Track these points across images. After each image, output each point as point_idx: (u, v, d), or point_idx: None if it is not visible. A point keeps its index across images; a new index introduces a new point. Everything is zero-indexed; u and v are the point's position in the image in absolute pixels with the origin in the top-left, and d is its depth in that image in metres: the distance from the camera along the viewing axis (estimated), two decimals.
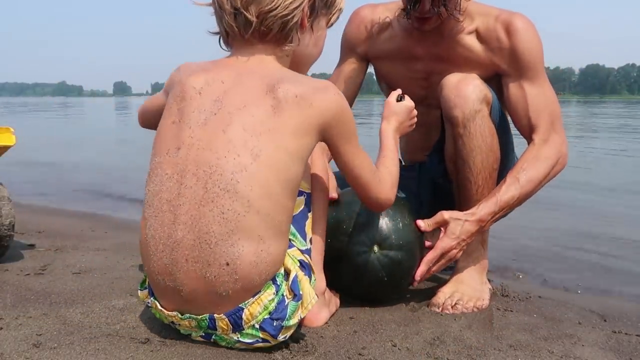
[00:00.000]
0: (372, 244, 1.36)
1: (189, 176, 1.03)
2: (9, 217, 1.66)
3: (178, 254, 1.02)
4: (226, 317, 1.04)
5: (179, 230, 1.02)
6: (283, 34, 1.12)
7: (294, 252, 1.14)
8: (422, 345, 1.17)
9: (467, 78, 1.44)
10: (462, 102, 1.41)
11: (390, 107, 1.40)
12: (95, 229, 2.35)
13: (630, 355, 1.18)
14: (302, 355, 1.09)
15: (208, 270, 1.01)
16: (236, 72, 1.11)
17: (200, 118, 1.06)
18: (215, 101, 1.07)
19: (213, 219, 1.00)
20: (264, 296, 1.04)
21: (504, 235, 2.33)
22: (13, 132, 1.72)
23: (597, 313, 1.45)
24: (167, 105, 1.13)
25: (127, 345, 1.08)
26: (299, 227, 1.18)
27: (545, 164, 1.45)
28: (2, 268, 1.63)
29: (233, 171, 1.00)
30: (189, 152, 1.04)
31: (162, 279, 1.05)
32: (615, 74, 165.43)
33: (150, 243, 1.06)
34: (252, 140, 1.02)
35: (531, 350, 1.18)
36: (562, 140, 1.50)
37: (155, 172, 1.07)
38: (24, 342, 1.08)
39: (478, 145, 1.43)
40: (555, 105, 1.51)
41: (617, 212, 3.16)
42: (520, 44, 1.47)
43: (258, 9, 1.08)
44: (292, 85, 1.06)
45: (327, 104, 1.08)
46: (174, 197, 1.03)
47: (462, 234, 1.38)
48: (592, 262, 2.17)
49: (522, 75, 1.50)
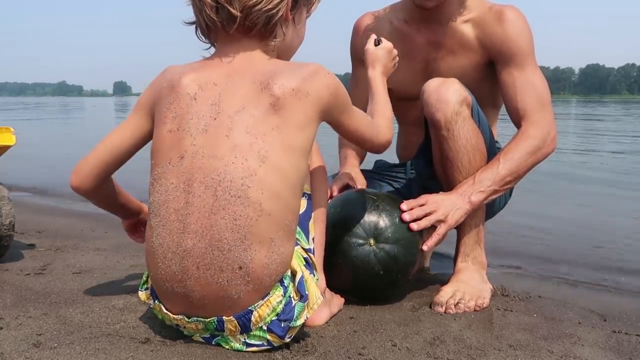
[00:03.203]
0: (368, 237, 1.38)
1: (196, 185, 1.01)
2: (9, 217, 1.66)
3: (188, 262, 1.01)
4: (235, 319, 1.04)
5: (189, 239, 1.01)
6: (268, 28, 1.10)
7: (299, 251, 1.14)
8: (422, 345, 1.17)
9: (447, 82, 1.46)
10: (444, 106, 1.43)
11: (372, 53, 1.43)
12: (95, 229, 2.35)
13: (630, 355, 1.18)
14: (302, 355, 1.09)
15: (221, 276, 1.00)
16: (226, 72, 1.09)
17: (200, 124, 1.04)
18: (212, 105, 1.05)
19: (225, 226, 0.99)
20: (273, 298, 1.04)
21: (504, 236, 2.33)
22: (13, 132, 1.72)
23: (597, 313, 1.45)
24: (158, 115, 1.10)
25: (127, 345, 1.08)
26: (303, 226, 1.19)
27: (529, 143, 1.48)
28: (2, 268, 1.63)
29: (243, 176, 1.00)
30: (194, 160, 1.02)
31: (170, 285, 1.04)
32: (615, 74, 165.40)
33: (157, 251, 1.05)
34: (257, 142, 1.01)
35: (531, 350, 1.18)
36: (550, 122, 1.52)
37: (160, 182, 1.06)
38: (24, 341, 1.08)
39: (463, 146, 1.45)
40: (543, 91, 1.54)
41: None
42: (510, 30, 1.55)
43: (242, 3, 1.06)
44: (285, 79, 1.05)
45: (323, 89, 1.08)
46: (181, 206, 1.02)
47: (441, 199, 1.43)
48: (591, 261, 2.16)
49: (511, 61, 1.55)
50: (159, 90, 1.12)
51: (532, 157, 1.48)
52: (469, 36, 1.60)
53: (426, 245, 1.41)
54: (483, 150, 1.48)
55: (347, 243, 1.38)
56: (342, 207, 1.43)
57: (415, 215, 1.41)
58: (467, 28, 1.61)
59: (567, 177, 4.40)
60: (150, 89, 1.16)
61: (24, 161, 4.57)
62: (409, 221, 1.40)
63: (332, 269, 1.34)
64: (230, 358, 1.06)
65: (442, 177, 1.54)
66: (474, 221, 1.51)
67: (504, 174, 1.45)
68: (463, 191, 1.45)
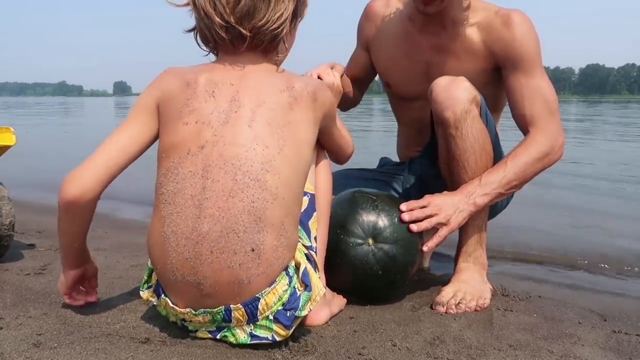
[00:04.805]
0: (366, 237, 1.38)
1: (215, 170, 1.05)
2: (9, 216, 1.66)
3: (202, 246, 1.04)
4: (243, 307, 1.06)
5: (205, 224, 1.04)
6: (272, 44, 1.17)
7: (300, 247, 1.16)
8: (422, 345, 1.17)
9: (457, 80, 1.45)
10: (453, 104, 1.42)
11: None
12: (95, 229, 2.33)
13: (630, 355, 1.18)
14: (302, 355, 1.09)
15: (233, 259, 1.04)
16: (239, 75, 1.14)
17: (220, 118, 1.09)
18: (231, 101, 1.10)
19: (243, 209, 1.04)
20: (279, 286, 1.08)
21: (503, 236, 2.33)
22: (13, 131, 1.72)
23: (597, 313, 1.45)
24: (170, 112, 1.12)
25: (127, 345, 1.08)
26: (304, 225, 1.21)
27: (537, 149, 1.47)
28: (2, 268, 1.63)
29: (262, 162, 1.06)
30: (214, 148, 1.06)
31: (180, 274, 1.06)
32: (615, 73, 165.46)
33: (170, 239, 1.06)
34: (277, 132, 1.09)
35: (531, 350, 1.18)
36: (558, 129, 1.51)
37: (175, 172, 1.07)
38: (24, 341, 1.08)
39: (471, 145, 1.45)
40: (551, 97, 1.53)
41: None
42: (517, 35, 1.52)
43: (252, 24, 1.12)
44: (303, 84, 1.16)
45: (327, 99, 1.21)
46: (198, 192, 1.05)
47: (444, 201, 1.42)
48: (591, 260, 2.17)
49: (518, 67, 1.53)
50: (168, 89, 1.14)
51: (539, 163, 1.47)
52: (475, 40, 1.58)
53: (426, 246, 1.41)
54: (489, 150, 1.48)
55: (346, 242, 1.38)
56: (341, 206, 1.43)
57: (415, 216, 1.41)
58: (472, 32, 1.58)
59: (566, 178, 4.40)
60: (154, 88, 1.16)
61: (24, 161, 4.58)
62: (409, 222, 1.40)
63: (331, 269, 1.34)
64: (231, 358, 1.06)
65: (447, 175, 1.53)
66: (477, 222, 1.51)
67: (511, 178, 1.45)
68: (468, 192, 1.44)
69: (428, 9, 1.54)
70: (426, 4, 1.53)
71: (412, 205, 1.42)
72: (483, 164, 1.46)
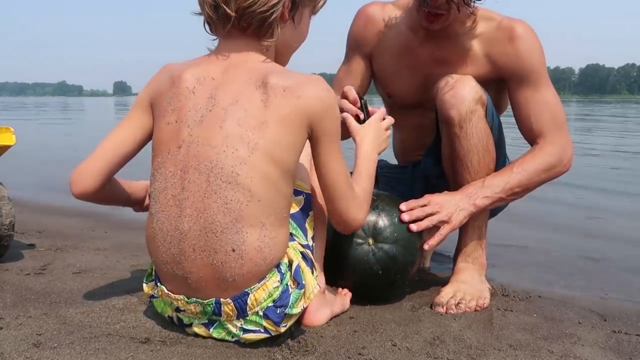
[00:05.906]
0: (367, 237, 1.38)
1: (191, 171, 1.06)
2: (9, 216, 1.66)
3: (185, 244, 1.06)
4: (232, 302, 1.07)
5: (185, 222, 1.06)
6: (263, 28, 1.12)
7: (295, 245, 1.16)
8: (422, 345, 1.17)
9: (463, 79, 1.44)
10: (459, 103, 1.42)
11: (358, 131, 1.35)
12: (95, 229, 2.35)
13: (630, 355, 1.18)
14: (302, 354, 1.09)
15: (215, 257, 1.05)
16: (223, 67, 1.12)
17: (196, 116, 1.08)
18: (209, 98, 1.09)
19: (217, 209, 1.04)
20: (269, 282, 1.08)
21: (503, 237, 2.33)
22: (13, 131, 1.72)
23: (597, 313, 1.45)
24: (158, 109, 1.14)
25: (127, 345, 1.09)
26: (300, 224, 1.20)
27: (544, 159, 1.47)
28: (2, 268, 1.63)
29: (233, 164, 1.04)
30: (189, 149, 1.07)
31: (170, 268, 1.09)
32: (615, 73, 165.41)
33: (158, 236, 1.10)
34: (247, 134, 1.05)
35: (531, 350, 1.18)
36: (567, 142, 1.51)
37: (159, 172, 1.10)
38: (24, 341, 1.08)
39: (475, 145, 1.44)
40: (558, 110, 1.52)
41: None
42: (522, 49, 1.50)
43: (237, 4, 1.09)
44: (280, 78, 1.08)
45: (315, 97, 1.08)
46: (178, 192, 1.07)
47: (445, 199, 1.42)
48: (591, 260, 2.16)
49: (524, 80, 1.50)
50: (159, 87, 1.16)
51: (546, 173, 1.47)
52: (478, 53, 1.55)
53: (427, 245, 1.41)
54: (492, 151, 1.48)
55: (346, 242, 1.38)
56: None
57: (415, 215, 1.40)
58: (475, 44, 1.55)
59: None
60: (149, 86, 1.19)
61: (24, 161, 4.57)
62: (408, 222, 1.40)
63: (331, 268, 1.34)
64: (231, 358, 1.06)
65: (449, 174, 1.53)
66: (477, 222, 1.51)
67: (514, 185, 1.44)
68: (470, 193, 1.44)
69: (433, 26, 1.50)
70: (431, 22, 1.49)
71: (412, 205, 1.42)
72: (486, 165, 1.46)
